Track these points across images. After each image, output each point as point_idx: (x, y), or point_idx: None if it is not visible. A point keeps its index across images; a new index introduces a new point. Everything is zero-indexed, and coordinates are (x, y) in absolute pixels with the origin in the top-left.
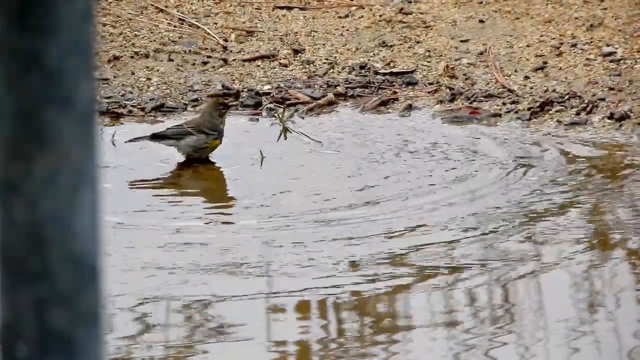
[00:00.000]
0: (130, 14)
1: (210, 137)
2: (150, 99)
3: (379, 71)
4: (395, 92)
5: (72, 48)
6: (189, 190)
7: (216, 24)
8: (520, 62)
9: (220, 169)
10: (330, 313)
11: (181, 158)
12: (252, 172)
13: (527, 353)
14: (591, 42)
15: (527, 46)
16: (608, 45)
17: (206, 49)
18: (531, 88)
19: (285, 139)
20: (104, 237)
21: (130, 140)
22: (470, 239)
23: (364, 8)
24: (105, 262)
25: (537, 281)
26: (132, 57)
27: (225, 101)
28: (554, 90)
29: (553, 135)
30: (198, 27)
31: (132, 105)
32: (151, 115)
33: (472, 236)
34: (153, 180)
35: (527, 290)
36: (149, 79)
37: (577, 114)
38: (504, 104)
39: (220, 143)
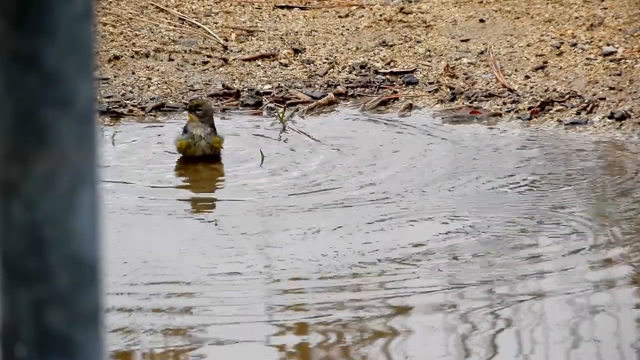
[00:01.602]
0: (130, 13)
1: (181, 137)
2: (150, 99)
3: (379, 71)
4: (395, 92)
5: (71, 48)
6: (188, 189)
7: (216, 23)
8: (521, 62)
9: (221, 168)
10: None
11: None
12: (252, 170)
13: None
14: (591, 41)
15: (528, 46)
16: (608, 45)
17: (206, 48)
18: (531, 87)
19: (286, 139)
20: (104, 238)
21: None
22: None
23: (364, 7)
24: (105, 263)
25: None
26: (132, 56)
27: (189, 104)
28: (554, 90)
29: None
30: (198, 26)
31: (132, 105)
32: (151, 115)
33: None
34: (152, 178)
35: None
36: (149, 78)
37: (578, 113)
38: (504, 103)
39: (192, 145)
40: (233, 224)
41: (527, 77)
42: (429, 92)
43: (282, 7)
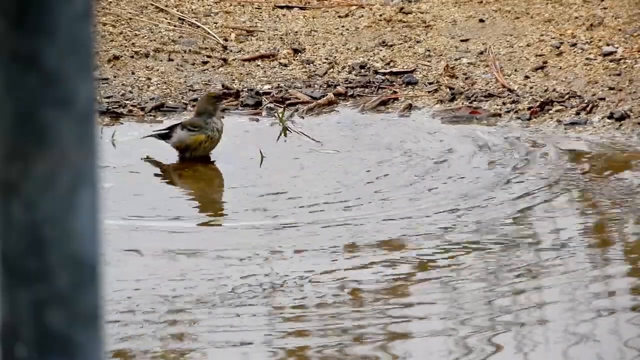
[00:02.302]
0: (130, 13)
1: (192, 133)
2: (150, 99)
3: (379, 71)
4: (395, 92)
5: (71, 48)
6: (187, 190)
7: (216, 23)
8: (520, 62)
9: (220, 169)
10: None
11: (176, 157)
12: (252, 171)
13: None
14: (591, 41)
15: (527, 46)
16: (608, 45)
17: (206, 48)
18: (531, 88)
19: (286, 139)
20: (104, 238)
21: (146, 136)
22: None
23: (364, 7)
24: (104, 263)
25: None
26: (132, 56)
27: (217, 94)
28: (554, 90)
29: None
30: (198, 26)
31: (132, 105)
32: (151, 115)
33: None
34: (151, 178)
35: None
36: (149, 78)
37: (577, 113)
38: (504, 103)
39: (208, 139)
40: (232, 221)
41: (526, 77)
42: (429, 92)
43: (281, 7)
